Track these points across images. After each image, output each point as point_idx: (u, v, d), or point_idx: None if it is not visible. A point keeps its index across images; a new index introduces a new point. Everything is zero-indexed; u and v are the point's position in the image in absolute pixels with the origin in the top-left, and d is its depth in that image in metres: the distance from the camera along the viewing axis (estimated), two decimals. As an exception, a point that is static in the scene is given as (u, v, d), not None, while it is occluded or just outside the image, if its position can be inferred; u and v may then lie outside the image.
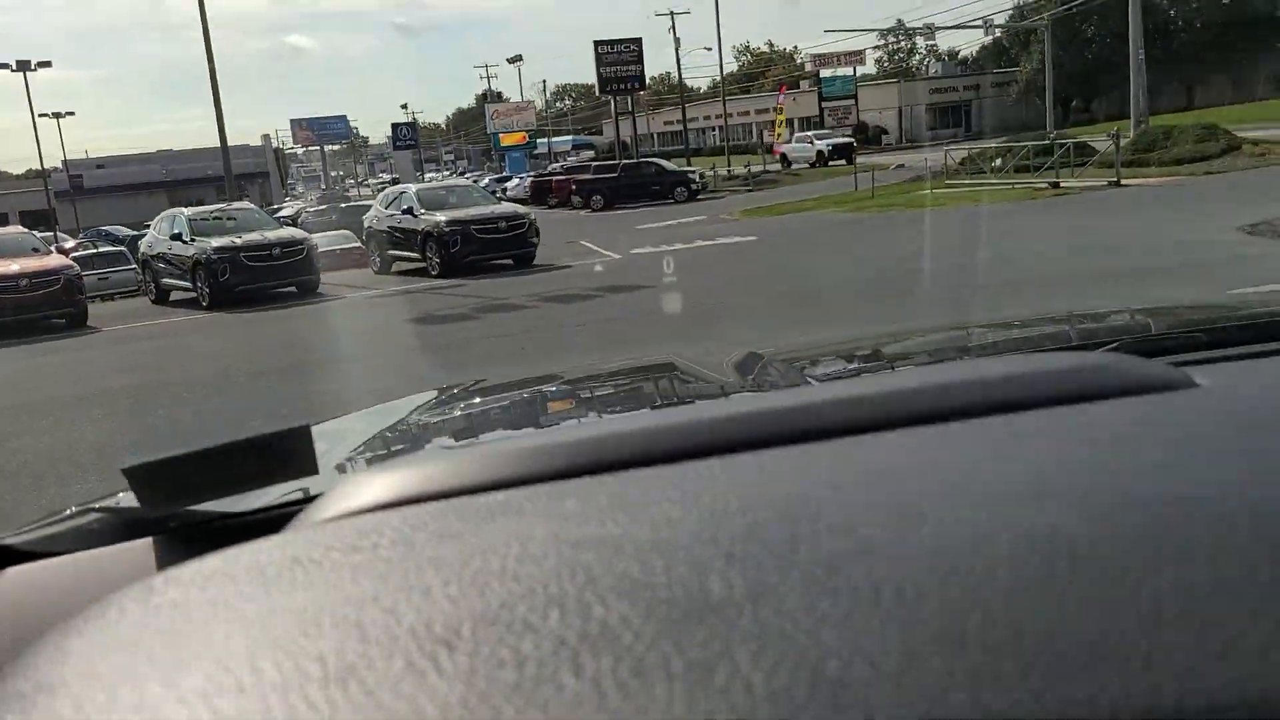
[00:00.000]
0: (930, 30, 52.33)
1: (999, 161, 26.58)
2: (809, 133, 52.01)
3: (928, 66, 76.41)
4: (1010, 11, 59.15)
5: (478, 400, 1.68)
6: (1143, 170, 23.67)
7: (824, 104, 60.10)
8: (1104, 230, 14.85)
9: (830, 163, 43.92)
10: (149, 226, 20.59)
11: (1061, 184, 22.69)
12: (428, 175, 72.83)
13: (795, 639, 0.47)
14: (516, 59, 77.14)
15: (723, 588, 0.52)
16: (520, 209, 20.76)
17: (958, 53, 75.21)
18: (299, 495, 0.93)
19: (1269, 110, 33.65)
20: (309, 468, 0.89)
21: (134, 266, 23.12)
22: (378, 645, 0.51)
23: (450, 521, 0.69)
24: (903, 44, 77.96)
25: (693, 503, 0.65)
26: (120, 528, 0.95)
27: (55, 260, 17.17)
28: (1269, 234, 12.27)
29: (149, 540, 0.92)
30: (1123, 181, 21.85)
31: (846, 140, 47.41)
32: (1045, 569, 0.50)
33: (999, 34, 61.02)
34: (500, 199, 25.12)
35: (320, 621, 0.55)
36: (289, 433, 0.89)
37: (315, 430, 0.90)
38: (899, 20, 74.29)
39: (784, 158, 47.59)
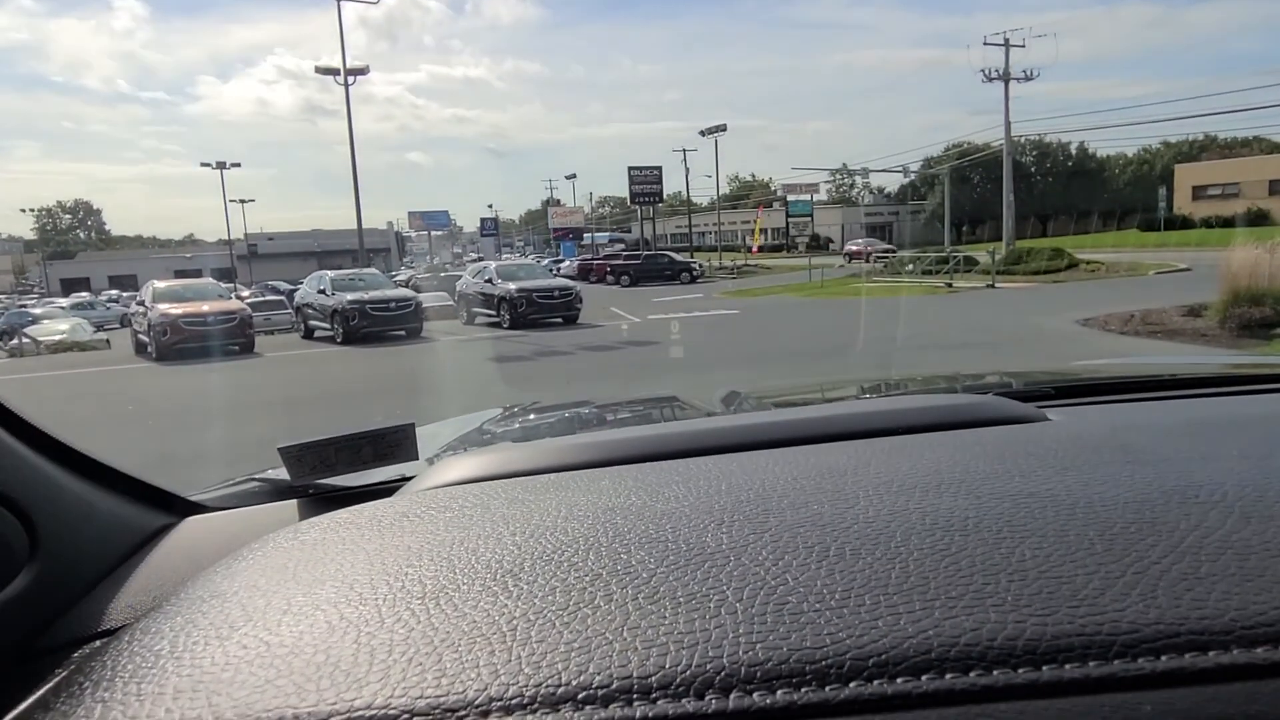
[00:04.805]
0: (865, 172, 52.94)
1: (910, 266, 26.64)
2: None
3: (862, 197, 76.79)
4: (921, 161, 59.65)
5: (532, 415, 1.68)
6: (1010, 278, 23.62)
7: (790, 219, 60.33)
8: (983, 318, 14.80)
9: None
10: (302, 283, 20.60)
11: (954, 284, 22.69)
12: (504, 256, 73.10)
13: (766, 580, 0.46)
14: (572, 176, 77.80)
15: (714, 543, 0.52)
16: (569, 283, 20.49)
17: (884, 188, 75.56)
18: (404, 473, 0.91)
19: (1101, 240, 33.83)
20: (411, 454, 0.89)
21: (290, 311, 23.04)
22: (462, 574, 0.51)
23: (515, 492, 0.68)
24: (845, 180, 78.41)
25: (693, 486, 0.65)
26: (274, 493, 0.94)
27: (234, 304, 17.12)
28: (1095, 326, 12.27)
29: (294, 502, 0.91)
30: (996, 285, 21.80)
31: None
32: (944, 538, 0.50)
33: (913, 177, 61.41)
34: (555, 275, 25.14)
35: (421, 556, 0.55)
36: (398, 428, 0.88)
37: (417, 430, 0.91)
38: (844, 164, 75.07)
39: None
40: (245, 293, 32.53)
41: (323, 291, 18.04)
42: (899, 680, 0.37)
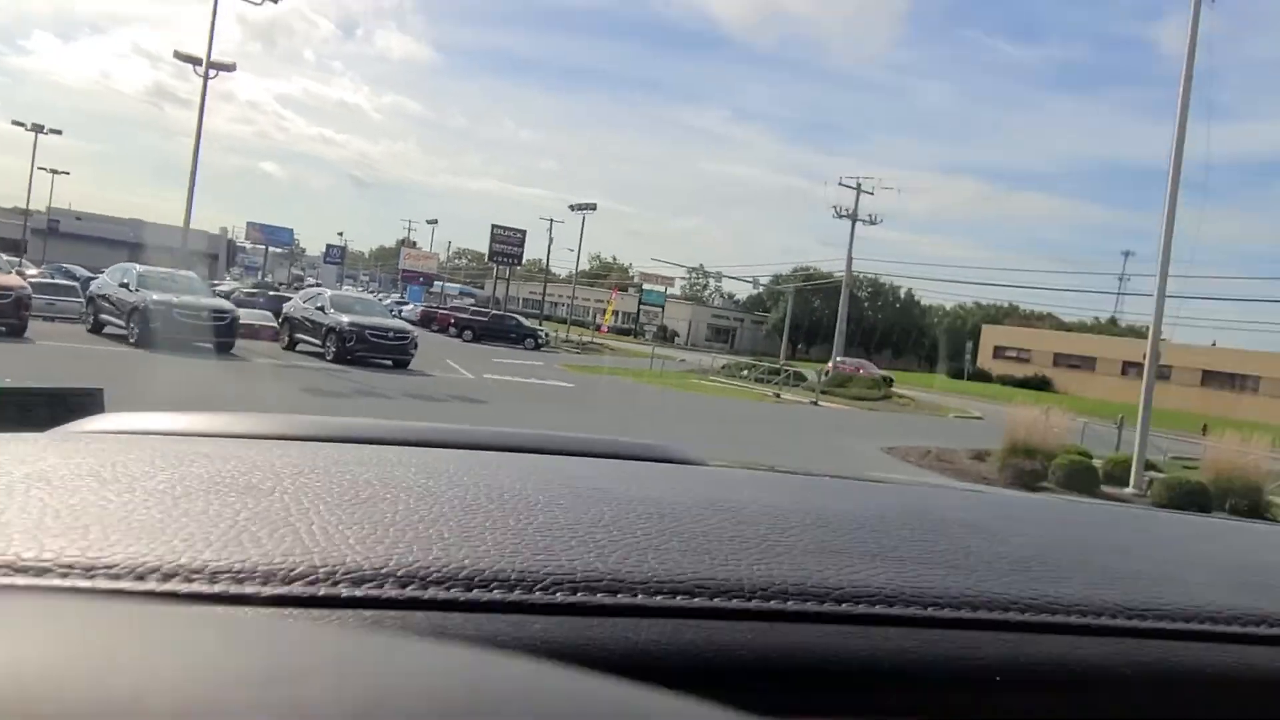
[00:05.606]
0: (719, 275, 55.64)
1: (746, 372, 28.05)
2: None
3: (713, 298, 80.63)
4: (770, 277, 63.78)
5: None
6: (833, 397, 25.33)
7: (642, 306, 61.98)
8: (798, 431, 15.60)
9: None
10: (104, 272, 18.43)
11: (782, 396, 23.95)
12: (345, 287, 70.15)
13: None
14: (434, 221, 76.90)
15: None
16: (408, 326, 19.70)
17: (733, 294, 79.76)
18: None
19: (912, 378, 37.34)
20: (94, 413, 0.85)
21: (81, 300, 20.55)
22: (112, 486, 0.55)
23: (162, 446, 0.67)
24: (700, 280, 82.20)
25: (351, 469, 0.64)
26: None
27: (12, 280, 15.17)
28: (897, 455, 13.41)
29: None
30: (820, 403, 23.25)
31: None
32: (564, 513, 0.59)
33: (761, 289, 65.38)
34: (395, 316, 24.18)
35: (59, 475, 0.57)
36: (84, 391, 0.85)
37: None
38: (700, 264, 78.87)
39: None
40: (31, 271, 28.87)
41: (125, 285, 16.26)
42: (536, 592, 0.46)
